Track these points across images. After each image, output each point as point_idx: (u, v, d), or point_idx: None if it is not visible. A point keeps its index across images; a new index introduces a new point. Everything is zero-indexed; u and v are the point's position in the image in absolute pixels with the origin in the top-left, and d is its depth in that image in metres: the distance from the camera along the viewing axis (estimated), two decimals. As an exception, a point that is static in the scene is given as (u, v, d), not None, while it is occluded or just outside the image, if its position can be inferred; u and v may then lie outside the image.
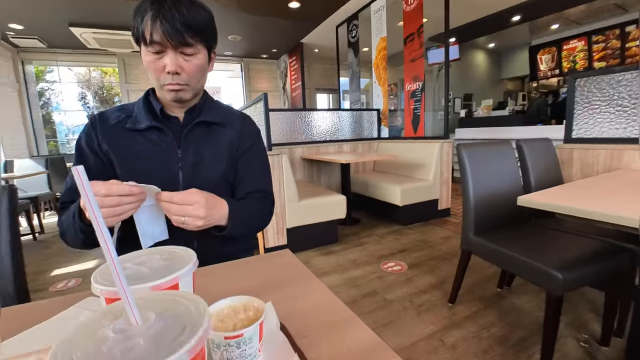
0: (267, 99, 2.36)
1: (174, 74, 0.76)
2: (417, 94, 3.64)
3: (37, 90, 5.58)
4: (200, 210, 0.66)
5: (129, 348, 0.20)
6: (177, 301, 0.25)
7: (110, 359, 0.19)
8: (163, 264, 0.34)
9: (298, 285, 0.60)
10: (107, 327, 0.22)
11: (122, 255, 0.37)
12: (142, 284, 0.30)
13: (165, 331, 0.22)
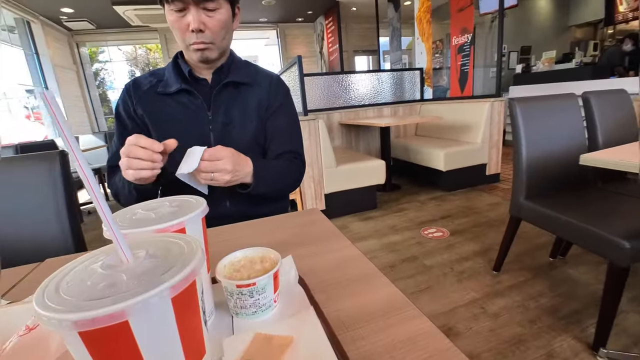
0: (301, 62, 2.28)
1: (198, 32, 0.75)
2: (466, 48, 3.30)
3: (92, 71, 6.03)
4: (227, 164, 0.67)
5: (111, 283, 0.20)
6: (171, 242, 0.24)
7: (91, 291, 0.19)
8: (171, 210, 0.34)
9: (323, 243, 0.58)
10: (97, 263, 0.22)
11: (137, 204, 0.38)
12: (147, 227, 0.29)
13: (152, 268, 0.21)
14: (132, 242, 0.25)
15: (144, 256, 0.22)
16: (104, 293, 0.19)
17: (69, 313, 0.17)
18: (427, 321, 0.36)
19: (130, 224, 0.31)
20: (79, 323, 0.17)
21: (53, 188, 0.89)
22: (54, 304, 0.18)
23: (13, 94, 4.57)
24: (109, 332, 0.18)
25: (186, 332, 0.22)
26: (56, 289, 0.20)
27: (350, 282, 0.45)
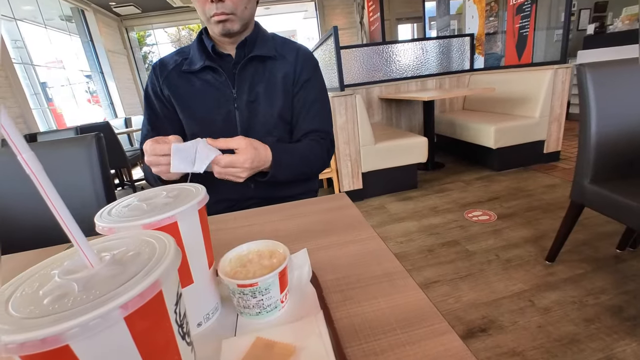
0: (337, 34, 2.16)
1: (218, 2, 0.72)
2: (526, 7, 2.89)
3: (141, 54, 6.35)
4: (243, 173, 0.66)
5: (61, 294, 0.17)
6: (146, 242, 0.21)
7: (38, 305, 0.17)
8: (165, 201, 0.31)
9: (347, 233, 0.54)
10: (57, 269, 0.20)
11: (138, 192, 0.36)
12: (134, 222, 0.27)
13: (110, 278, 0.18)
14: (102, 241, 0.23)
15: (108, 260, 0.19)
16: (48, 309, 0.16)
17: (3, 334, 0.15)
18: (458, 340, 0.30)
19: (120, 217, 0.29)
20: (9, 347, 0.14)
21: (90, 170, 0.93)
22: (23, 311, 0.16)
23: (75, 80, 4.99)
24: (49, 357, 0.15)
25: (151, 353, 0.19)
26: (8, 300, 0.18)
27: (372, 281, 0.40)
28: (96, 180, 0.92)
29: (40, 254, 0.65)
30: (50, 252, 0.65)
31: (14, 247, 0.83)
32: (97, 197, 0.92)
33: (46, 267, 0.21)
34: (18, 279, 0.20)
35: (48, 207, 0.64)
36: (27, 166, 0.18)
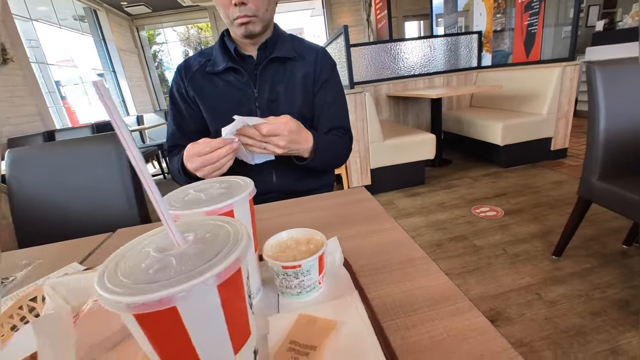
0: (347, 32, 2.19)
1: (241, 5, 0.75)
2: (535, 4, 2.89)
3: (151, 53, 6.43)
4: (281, 141, 0.68)
5: (162, 267, 0.21)
6: (219, 225, 0.26)
7: (144, 275, 0.21)
8: (220, 192, 0.36)
9: (370, 224, 0.58)
10: (150, 246, 0.24)
11: (189, 184, 0.40)
12: (198, 209, 0.32)
13: (199, 254, 0.22)
14: (182, 224, 0.27)
15: (192, 240, 0.24)
16: (155, 277, 0.20)
17: (124, 296, 0.19)
18: (481, 316, 0.34)
19: (182, 205, 0.34)
20: (132, 306, 0.18)
21: (119, 164, 0.99)
22: (112, 286, 0.20)
23: (88, 78, 5.08)
24: (159, 315, 0.19)
25: (232, 316, 0.23)
26: (115, 271, 0.22)
27: (396, 266, 0.44)
28: (125, 174, 0.98)
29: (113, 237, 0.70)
30: (82, 242, 0.71)
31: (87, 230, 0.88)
32: (126, 189, 0.98)
33: (137, 246, 0.25)
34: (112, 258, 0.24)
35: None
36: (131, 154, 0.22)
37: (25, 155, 1.00)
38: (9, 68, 3.02)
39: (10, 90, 3.02)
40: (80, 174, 0.99)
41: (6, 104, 2.96)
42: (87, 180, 0.99)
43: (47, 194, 0.99)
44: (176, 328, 0.20)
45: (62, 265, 0.59)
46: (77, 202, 0.99)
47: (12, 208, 0.99)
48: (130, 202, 0.98)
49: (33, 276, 0.58)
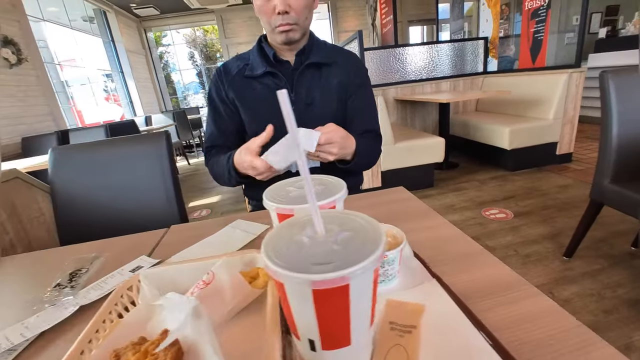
0: (361, 37, 2.25)
1: (284, 14, 0.79)
2: (541, 12, 2.96)
3: (158, 54, 6.48)
4: (335, 148, 0.73)
5: (327, 251, 0.25)
6: (351, 218, 0.30)
7: (313, 257, 0.25)
8: (320, 189, 0.40)
9: (421, 221, 0.62)
10: (300, 235, 0.28)
11: (283, 181, 0.45)
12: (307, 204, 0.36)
13: (350, 241, 0.26)
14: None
15: (337, 230, 0.28)
16: (326, 259, 0.24)
17: (309, 274, 0.22)
18: (549, 300, 0.38)
19: (289, 201, 0.38)
20: (317, 282, 0.22)
21: (160, 164, 1.03)
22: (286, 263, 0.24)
23: (95, 79, 5.12)
24: (333, 291, 0.23)
25: (374, 293, 0.27)
26: (277, 254, 0.25)
27: (458, 258, 0.48)
28: (166, 174, 1.02)
29: (169, 232, 0.75)
30: (142, 237, 0.75)
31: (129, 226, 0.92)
32: (166, 189, 1.02)
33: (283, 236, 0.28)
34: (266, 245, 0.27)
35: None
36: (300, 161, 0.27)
37: (68, 154, 1.04)
38: (23, 68, 3.06)
39: (24, 90, 3.05)
40: (122, 173, 1.03)
41: (21, 103, 2.99)
42: (128, 180, 1.03)
43: (89, 192, 1.03)
44: (342, 302, 0.24)
45: (129, 258, 0.64)
46: (118, 201, 1.03)
47: (55, 206, 1.03)
48: (170, 202, 1.02)
49: (106, 268, 0.62)
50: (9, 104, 2.87)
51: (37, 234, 1.16)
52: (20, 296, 0.57)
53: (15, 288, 0.61)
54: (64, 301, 0.52)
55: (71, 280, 0.59)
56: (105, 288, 0.54)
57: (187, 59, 7.10)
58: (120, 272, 0.59)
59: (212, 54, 7.14)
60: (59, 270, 0.62)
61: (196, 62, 7.17)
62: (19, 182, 1.11)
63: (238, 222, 0.72)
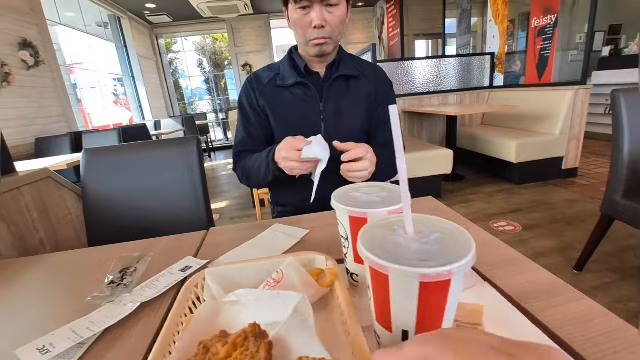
0: (375, 50, 2.31)
1: (320, 28, 0.83)
2: (548, 30, 3.04)
3: (168, 60, 6.58)
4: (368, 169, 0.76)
5: (427, 250, 0.28)
6: (432, 221, 0.33)
7: (415, 253, 0.27)
8: (386, 195, 0.43)
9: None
10: (393, 235, 0.31)
11: (349, 186, 0.48)
12: (381, 208, 0.39)
13: (443, 241, 0.29)
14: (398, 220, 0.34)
15: (427, 232, 0.31)
16: (428, 256, 0.27)
17: (419, 268, 0.25)
18: (597, 305, 0.40)
19: (361, 205, 0.40)
20: (425, 276, 0.25)
21: (190, 168, 1.06)
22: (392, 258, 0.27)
23: (105, 82, 5.19)
24: (437, 285, 0.26)
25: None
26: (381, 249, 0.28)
27: (502, 264, 0.51)
28: (195, 177, 1.05)
29: (209, 234, 0.77)
30: (184, 238, 0.78)
31: (161, 228, 0.94)
32: (195, 193, 1.05)
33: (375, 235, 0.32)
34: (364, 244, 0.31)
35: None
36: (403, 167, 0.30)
37: (101, 155, 1.07)
38: (40, 70, 3.11)
39: (41, 91, 3.11)
40: (152, 176, 1.06)
41: (36, 104, 3.04)
42: (158, 183, 1.06)
43: (119, 194, 1.06)
44: (442, 295, 0.27)
45: (175, 258, 0.66)
46: (147, 203, 1.06)
47: (85, 206, 1.06)
48: (198, 206, 1.05)
49: (153, 267, 0.65)
50: (24, 105, 2.92)
51: (65, 234, 1.18)
52: (75, 291, 0.59)
53: (68, 283, 0.63)
54: (121, 298, 0.55)
55: (122, 278, 0.61)
56: (159, 287, 0.57)
57: (195, 65, 7.20)
58: (170, 272, 0.61)
59: (221, 62, 7.25)
60: (103, 267, 0.65)
61: (204, 69, 7.28)
62: (50, 182, 1.14)
63: (277, 226, 0.75)
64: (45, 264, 0.73)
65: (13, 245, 0.95)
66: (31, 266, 0.72)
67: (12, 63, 2.81)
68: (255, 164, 0.90)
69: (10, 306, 0.57)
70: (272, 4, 5.78)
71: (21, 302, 0.59)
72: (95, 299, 0.55)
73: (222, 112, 7.48)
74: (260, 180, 0.91)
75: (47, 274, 0.68)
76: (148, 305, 0.52)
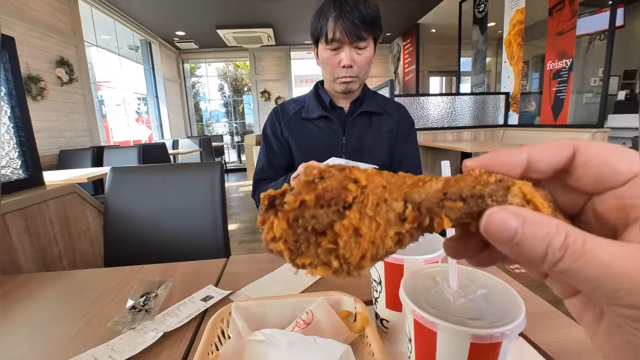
0: (392, 85, 2.38)
1: (348, 67, 0.87)
2: (563, 73, 3.09)
3: (191, 83, 6.90)
4: None
5: (476, 307, 0.27)
6: (476, 275, 0.32)
7: (462, 310, 0.27)
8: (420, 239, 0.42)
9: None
10: (436, 287, 0.31)
11: None
12: (417, 255, 0.38)
13: (490, 298, 0.29)
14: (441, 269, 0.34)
15: (472, 287, 0.30)
16: (479, 315, 0.26)
17: (471, 328, 0.24)
18: None
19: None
20: (477, 337, 0.24)
21: (212, 193, 1.07)
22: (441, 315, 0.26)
23: (129, 100, 5.43)
24: (488, 346, 0.25)
25: None
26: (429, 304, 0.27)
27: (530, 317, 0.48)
28: (216, 205, 1.06)
29: (229, 263, 0.77)
30: (204, 265, 0.78)
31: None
32: (215, 219, 1.06)
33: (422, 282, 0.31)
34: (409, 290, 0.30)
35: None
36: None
37: (126, 174, 1.10)
38: (73, 87, 3.29)
39: (70, 106, 3.26)
40: (173, 198, 1.08)
41: (65, 118, 3.19)
42: (179, 206, 1.07)
43: (139, 213, 1.07)
44: (492, 357, 0.26)
45: (195, 285, 0.66)
46: (166, 225, 1.07)
47: (105, 222, 1.07)
48: (217, 232, 1.05)
49: (174, 293, 0.64)
50: (54, 118, 3.06)
51: (83, 248, 1.19)
52: (95, 312, 0.59)
53: (89, 303, 0.63)
54: (142, 325, 0.54)
55: (144, 303, 0.61)
56: (181, 316, 0.56)
57: (216, 89, 7.51)
58: (192, 300, 0.61)
59: (241, 88, 7.55)
60: (124, 290, 0.65)
61: (224, 93, 7.58)
62: (75, 197, 1.17)
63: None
64: (66, 281, 0.73)
65: (33, 258, 0.96)
66: (52, 282, 0.72)
67: (47, 79, 2.98)
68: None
69: (31, 323, 0.57)
70: (294, 37, 6.08)
71: (41, 319, 0.58)
72: (117, 324, 0.55)
73: (237, 135, 7.68)
74: None
75: (67, 292, 0.68)
76: (170, 335, 0.51)
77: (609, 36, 2.78)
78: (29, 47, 2.82)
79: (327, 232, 0.15)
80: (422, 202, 0.16)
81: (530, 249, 0.13)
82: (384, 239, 0.16)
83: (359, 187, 0.16)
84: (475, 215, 0.15)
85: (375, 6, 0.86)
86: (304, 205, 0.16)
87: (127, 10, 4.41)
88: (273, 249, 0.16)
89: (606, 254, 0.12)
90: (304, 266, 0.16)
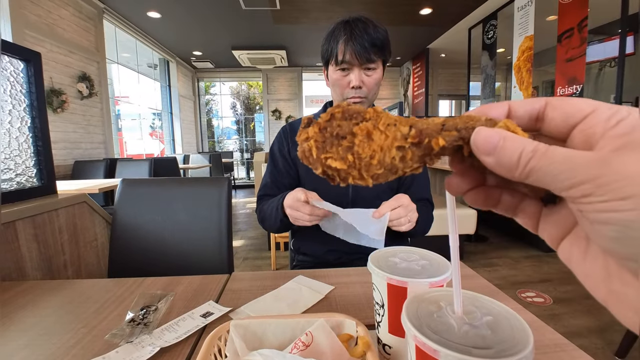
0: (402, 107, 2.39)
1: (357, 88, 0.88)
2: (575, 100, 3.08)
3: (204, 101, 7.11)
4: (407, 216, 0.77)
5: (481, 335, 0.26)
6: (481, 300, 0.31)
7: (466, 338, 0.25)
8: (425, 263, 0.42)
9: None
10: (440, 312, 0.29)
11: (386, 249, 0.46)
12: (422, 279, 0.37)
13: (496, 326, 0.27)
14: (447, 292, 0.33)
15: (478, 313, 0.29)
16: (484, 343, 0.25)
17: (476, 357, 0.23)
18: None
19: (399, 272, 0.39)
20: None
21: (218, 208, 1.08)
22: (445, 342, 0.25)
23: (145, 115, 5.60)
24: None
25: None
26: (431, 331, 0.26)
27: (540, 348, 0.47)
28: (222, 216, 1.06)
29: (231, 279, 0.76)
30: (206, 280, 0.77)
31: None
32: (220, 235, 1.05)
33: (425, 308, 0.30)
34: (407, 318, 0.28)
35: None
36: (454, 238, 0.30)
37: (136, 186, 1.12)
38: (92, 101, 3.42)
39: (88, 119, 3.38)
40: (181, 212, 1.08)
41: (82, 130, 3.29)
42: (186, 220, 1.07)
43: (146, 226, 1.08)
44: None
45: (196, 300, 0.65)
46: (173, 238, 1.07)
47: (112, 233, 1.08)
48: (221, 247, 1.04)
49: (173, 308, 0.63)
50: (72, 130, 3.16)
51: (88, 258, 1.20)
52: (94, 324, 0.59)
53: (89, 314, 0.63)
54: (140, 339, 0.53)
55: (143, 317, 0.60)
56: (180, 331, 0.55)
57: (229, 107, 7.72)
58: (191, 316, 0.60)
59: (252, 106, 7.75)
60: (125, 302, 0.65)
61: (237, 111, 7.78)
62: (85, 207, 1.18)
63: (300, 278, 0.73)
64: (69, 290, 0.73)
65: (39, 266, 0.97)
66: (56, 291, 0.72)
67: (69, 92, 3.11)
68: (269, 207, 0.92)
69: (31, 331, 0.57)
70: (306, 59, 6.25)
71: (41, 328, 0.58)
72: (114, 336, 0.54)
73: (247, 152, 7.80)
74: (272, 224, 0.92)
75: (69, 302, 0.68)
76: (167, 351, 0.51)
77: (620, 63, 2.79)
78: (55, 63, 2.96)
79: (348, 136, 0.21)
80: (424, 129, 0.19)
81: (508, 156, 0.17)
82: (390, 148, 0.20)
83: (376, 112, 0.21)
84: (466, 140, 0.19)
85: (384, 30, 0.88)
86: (332, 118, 0.21)
87: (148, 31, 4.63)
88: (305, 148, 0.21)
89: (566, 151, 0.15)
90: (326, 160, 0.21)
